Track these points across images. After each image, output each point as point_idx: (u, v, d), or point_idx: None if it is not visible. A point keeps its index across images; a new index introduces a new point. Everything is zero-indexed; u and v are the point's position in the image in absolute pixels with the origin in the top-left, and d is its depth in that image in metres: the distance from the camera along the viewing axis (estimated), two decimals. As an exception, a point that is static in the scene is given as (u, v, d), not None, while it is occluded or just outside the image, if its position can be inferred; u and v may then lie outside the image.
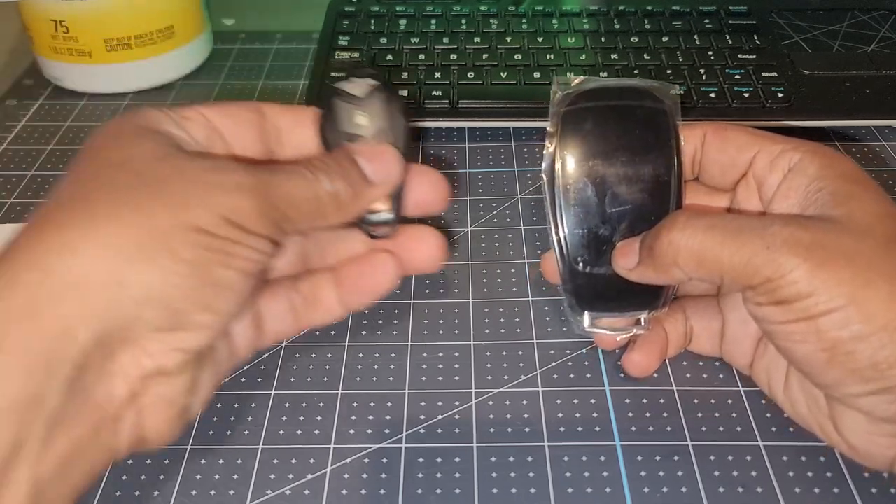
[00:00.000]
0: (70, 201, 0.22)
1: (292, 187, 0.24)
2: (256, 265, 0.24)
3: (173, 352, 0.22)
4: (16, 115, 0.48)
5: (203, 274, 0.22)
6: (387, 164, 0.27)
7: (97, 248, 0.20)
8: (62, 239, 0.20)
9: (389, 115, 0.27)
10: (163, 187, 0.22)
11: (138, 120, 0.25)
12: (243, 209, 0.23)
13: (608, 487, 0.27)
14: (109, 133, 0.25)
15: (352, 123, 0.27)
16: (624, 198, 0.29)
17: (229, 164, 0.24)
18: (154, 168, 0.23)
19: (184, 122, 0.26)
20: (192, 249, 0.22)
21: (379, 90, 0.28)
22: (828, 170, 0.26)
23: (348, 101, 0.27)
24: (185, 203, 0.22)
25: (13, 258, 0.20)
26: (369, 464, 0.28)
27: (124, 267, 0.20)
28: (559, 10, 0.52)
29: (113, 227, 0.21)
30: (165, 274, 0.21)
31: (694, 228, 0.25)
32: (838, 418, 0.26)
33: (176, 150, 0.24)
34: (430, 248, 0.29)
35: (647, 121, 0.29)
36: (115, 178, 0.22)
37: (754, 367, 0.30)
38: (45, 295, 0.19)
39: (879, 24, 0.52)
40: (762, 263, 0.24)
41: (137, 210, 0.21)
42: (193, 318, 0.22)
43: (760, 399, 0.30)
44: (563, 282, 0.30)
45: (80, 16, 0.47)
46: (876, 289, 0.23)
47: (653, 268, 0.27)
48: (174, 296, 0.21)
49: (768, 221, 0.25)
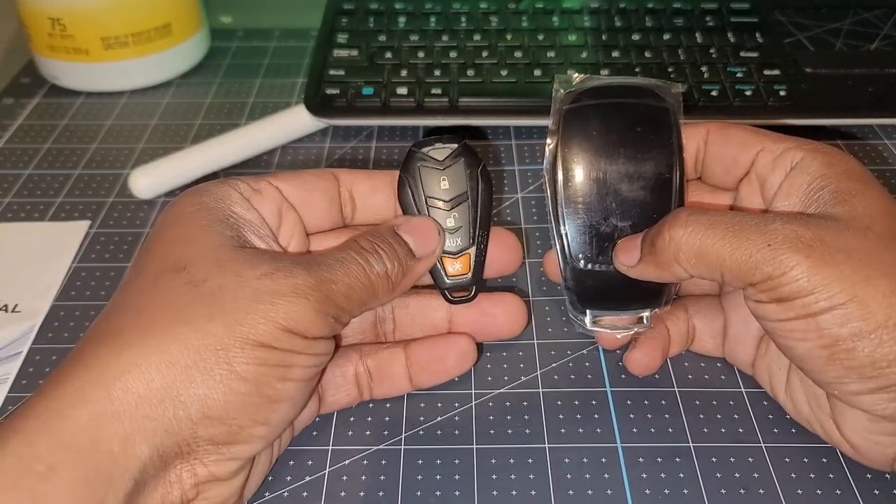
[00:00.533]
0: (130, 314, 0.23)
1: (348, 279, 0.25)
2: (316, 370, 0.25)
3: (228, 461, 0.23)
4: (12, 113, 0.48)
5: (262, 389, 0.23)
6: (429, 236, 0.28)
7: (156, 366, 0.21)
8: (122, 358, 0.21)
9: (470, 180, 0.28)
10: (220, 300, 0.22)
11: (208, 200, 0.26)
12: (302, 316, 0.23)
13: (609, 489, 0.27)
14: (174, 214, 0.26)
15: (432, 188, 0.28)
16: (625, 195, 0.29)
17: (286, 265, 0.24)
18: (212, 276, 0.23)
19: (255, 198, 0.27)
20: (251, 366, 0.22)
21: (461, 155, 0.29)
22: (830, 168, 0.26)
23: (430, 165, 0.28)
24: (244, 316, 0.22)
25: (76, 375, 0.21)
26: (368, 465, 0.28)
27: (183, 385, 0.21)
28: (560, 7, 0.52)
29: (171, 345, 0.22)
30: (224, 392, 0.22)
31: (695, 225, 0.25)
32: (839, 417, 0.26)
33: (234, 251, 0.24)
34: (511, 314, 0.30)
35: (649, 118, 0.29)
36: (172, 290, 0.23)
37: (756, 366, 0.30)
38: (108, 413, 0.21)
39: (882, 22, 0.51)
40: (763, 260, 0.24)
41: (195, 327, 0.22)
42: (250, 432, 0.23)
43: (762, 400, 0.30)
44: (564, 280, 0.30)
45: (78, 14, 0.46)
46: (876, 286, 0.23)
47: (654, 264, 0.27)
48: (232, 413, 0.22)
49: (769, 219, 0.25)
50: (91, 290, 0.35)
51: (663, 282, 0.28)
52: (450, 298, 0.29)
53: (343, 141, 0.45)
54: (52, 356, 0.32)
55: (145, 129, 0.46)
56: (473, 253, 0.29)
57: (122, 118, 0.47)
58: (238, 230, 0.25)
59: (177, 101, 0.49)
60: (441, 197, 0.28)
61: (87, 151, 0.44)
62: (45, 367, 0.31)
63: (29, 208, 0.40)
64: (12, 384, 0.31)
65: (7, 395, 0.30)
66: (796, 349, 0.25)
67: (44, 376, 0.31)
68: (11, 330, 0.33)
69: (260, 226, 0.26)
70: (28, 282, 0.35)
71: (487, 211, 0.29)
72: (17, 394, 0.30)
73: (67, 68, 0.49)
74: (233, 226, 0.25)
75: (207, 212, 0.25)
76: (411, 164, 0.28)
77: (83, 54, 0.48)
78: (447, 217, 0.28)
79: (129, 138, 0.46)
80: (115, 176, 0.42)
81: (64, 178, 0.42)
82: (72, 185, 0.42)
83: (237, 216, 0.26)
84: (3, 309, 0.34)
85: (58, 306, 0.34)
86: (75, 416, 0.20)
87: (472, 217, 0.28)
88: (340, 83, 0.45)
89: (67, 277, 0.36)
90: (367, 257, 0.25)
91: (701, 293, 0.32)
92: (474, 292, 0.29)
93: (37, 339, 0.33)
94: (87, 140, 0.45)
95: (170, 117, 0.47)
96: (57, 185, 0.42)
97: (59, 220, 0.39)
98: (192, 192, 0.27)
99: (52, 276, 0.36)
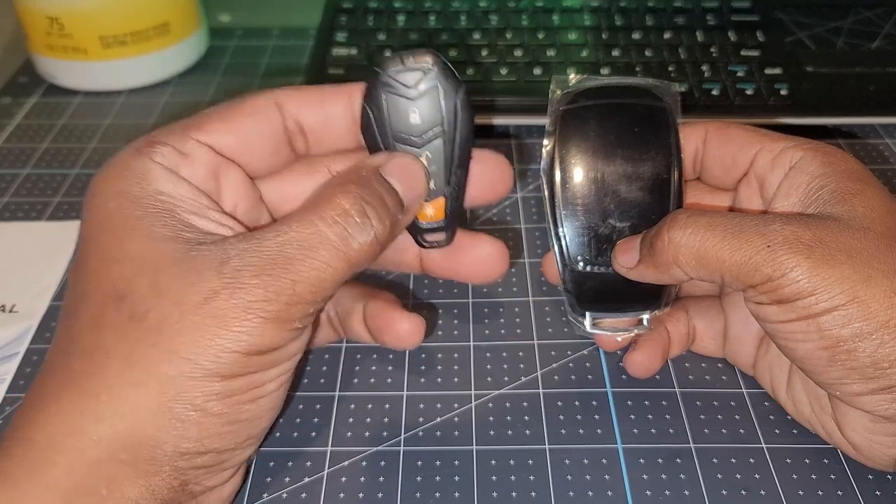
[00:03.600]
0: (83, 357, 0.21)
1: (315, 271, 0.21)
2: (291, 370, 0.24)
3: (221, 473, 0.23)
4: (10, 112, 0.48)
5: (235, 417, 0.22)
6: (416, 176, 0.24)
7: (121, 416, 0.21)
8: (86, 409, 0.21)
9: (447, 111, 0.24)
10: (166, 337, 0.21)
11: (129, 186, 0.23)
12: (260, 334, 0.21)
13: (610, 490, 0.26)
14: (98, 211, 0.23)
15: (401, 121, 0.24)
16: (624, 196, 0.28)
17: (231, 275, 0.21)
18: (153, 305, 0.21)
19: (183, 166, 0.23)
20: (216, 402, 0.21)
21: (437, 78, 0.24)
22: (829, 167, 0.26)
23: (398, 92, 0.24)
24: (195, 352, 0.21)
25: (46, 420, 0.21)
26: (367, 467, 0.27)
27: (153, 429, 0.21)
28: (560, 5, 0.51)
29: (130, 393, 0.21)
30: (196, 431, 0.21)
31: (695, 227, 0.25)
32: (841, 418, 0.26)
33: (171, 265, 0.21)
34: (487, 258, 0.28)
35: (646, 119, 0.29)
36: (118, 326, 0.21)
37: (757, 366, 0.30)
38: (85, 460, 0.20)
39: (883, 21, 0.51)
40: (763, 262, 0.24)
41: (150, 373, 0.21)
42: (236, 452, 0.23)
43: (764, 401, 0.30)
44: (563, 282, 0.29)
45: (76, 13, 0.46)
46: (877, 286, 0.23)
47: (653, 266, 0.26)
48: (211, 444, 0.22)
49: (769, 220, 0.25)
50: (89, 290, 0.35)
51: (662, 283, 0.28)
52: (422, 243, 0.26)
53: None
54: (50, 357, 0.32)
55: (144, 129, 0.46)
56: (448, 196, 0.26)
57: (121, 117, 0.47)
58: (171, 217, 0.22)
59: (175, 101, 0.49)
60: (412, 133, 0.24)
61: (85, 151, 0.44)
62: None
63: (27, 208, 0.40)
64: (10, 384, 0.31)
65: (5, 396, 0.30)
66: (797, 350, 0.24)
67: (41, 377, 0.31)
68: (9, 330, 0.33)
69: (195, 199, 0.23)
70: (25, 282, 0.35)
71: (466, 148, 0.25)
72: (15, 394, 0.30)
73: (65, 67, 0.48)
74: (164, 215, 0.22)
75: (132, 204, 0.22)
76: (375, 92, 0.24)
77: (81, 53, 0.47)
78: (418, 157, 0.25)
79: (128, 137, 0.45)
80: (114, 175, 0.42)
81: (62, 177, 0.42)
82: (70, 185, 0.42)
83: (166, 197, 0.23)
84: (1, 309, 0.34)
85: (55, 306, 0.34)
86: (58, 462, 0.20)
87: (447, 155, 0.25)
88: (340, 82, 0.45)
89: (65, 277, 0.36)
90: (347, 227, 0.22)
91: (701, 294, 0.32)
92: (448, 238, 0.26)
93: (34, 340, 0.33)
94: (86, 139, 0.45)
95: (168, 116, 0.47)
96: (55, 185, 0.42)
97: (56, 220, 0.39)
98: (110, 173, 0.23)
99: (50, 276, 0.36)
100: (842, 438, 0.26)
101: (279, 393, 0.23)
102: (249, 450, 0.24)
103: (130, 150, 0.24)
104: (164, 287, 0.21)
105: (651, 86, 0.29)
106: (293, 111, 0.25)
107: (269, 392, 0.23)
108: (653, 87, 0.29)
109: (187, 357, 0.21)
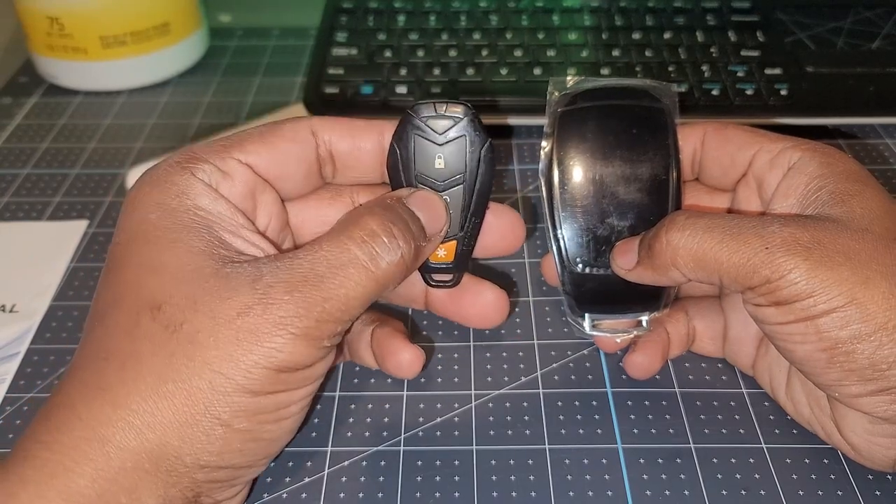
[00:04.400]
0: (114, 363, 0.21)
1: (345, 290, 0.22)
2: (312, 396, 0.24)
3: (232, 488, 0.24)
4: (10, 112, 0.48)
5: (259, 435, 0.22)
6: (438, 212, 0.25)
7: (149, 425, 0.21)
8: (114, 416, 0.21)
9: (470, 161, 0.25)
10: (200, 349, 0.21)
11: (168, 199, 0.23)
12: (290, 351, 0.21)
13: (610, 490, 0.27)
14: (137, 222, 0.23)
15: (425, 165, 0.25)
16: (622, 198, 0.28)
17: (265, 291, 0.21)
18: (189, 317, 0.21)
19: (223, 184, 0.24)
20: (242, 418, 0.22)
21: (465, 129, 0.25)
22: (828, 168, 0.26)
23: (428, 137, 0.25)
24: (227, 366, 0.21)
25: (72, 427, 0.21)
26: (367, 466, 0.27)
27: (177, 442, 0.21)
28: (560, 5, 0.51)
29: (160, 403, 0.21)
30: (219, 446, 0.22)
31: (693, 229, 0.25)
32: (840, 419, 0.26)
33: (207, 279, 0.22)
34: (489, 305, 0.29)
35: (644, 120, 0.29)
36: (153, 336, 0.21)
37: (756, 367, 0.30)
38: (108, 469, 0.20)
39: (883, 21, 0.51)
40: (761, 264, 0.24)
41: (181, 385, 0.21)
42: (252, 469, 0.23)
43: (763, 401, 0.30)
44: (562, 284, 0.29)
45: (76, 13, 0.46)
46: (875, 288, 0.23)
47: (651, 268, 0.26)
48: (231, 461, 0.22)
49: (767, 221, 0.25)
50: (89, 289, 0.35)
51: (661, 285, 0.28)
52: (430, 282, 0.28)
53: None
54: (50, 356, 0.32)
55: (143, 129, 0.46)
56: (460, 241, 0.27)
57: (121, 117, 0.47)
58: (209, 232, 0.23)
59: (175, 101, 0.49)
60: (434, 177, 0.25)
61: (85, 151, 0.44)
62: (43, 367, 0.31)
63: (27, 208, 0.40)
64: (10, 384, 0.31)
65: (5, 396, 0.30)
66: (796, 352, 0.24)
67: (42, 377, 0.31)
68: (9, 330, 0.33)
69: (231, 218, 0.24)
70: (26, 282, 0.35)
71: (484, 198, 0.26)
72: (15, 394, 0.30)
73: (66, 67, 0.48)
74: (202, 231, 0.23)
75: (172, 217, 0.23)
76: (405, 133, 0.25)
77: (81, 53, 0.47)
78: None
79: (128, 137, 0.45)
80: (114, 175, 0.42)
81: (62, 177, 0.42)
82: (70, 185, 0.42)
83: (204, 213, 0.23)
84: (1, 309, 0.34)
85: (56, 306, 0.34)
86: (79, 472, 0.20)
87: (465, 202, 0.26)
88: (340, 82, 0.45)
89: (65, 277, 0.36)
90: (375, 247, 0.23)
91: (701, 295, 0.32)
92: (456, 280, 0.28)
93: (35, 340, 0.33)
94: (86, 139, 0.45)
95: (168, 116, 0.47)
96: (55, 185, 0.42)
97: (57, 220, 0.39)
98: (152, 184, 0.24)
99: (50, 275, 0.36)
100: (841, 439, 0.26)
101: (300, 417, 0.24)
102: (262, 468, 0.24)
103: (172, 164, 0.24)
104: (199, 300, 0.21)
105: (649, 87, 0.29)
106: (326, 138, 0.26)
107: (292, 415, 0.23)
108: (651, 88, 0.29)
109: (220, 371, 0.21)
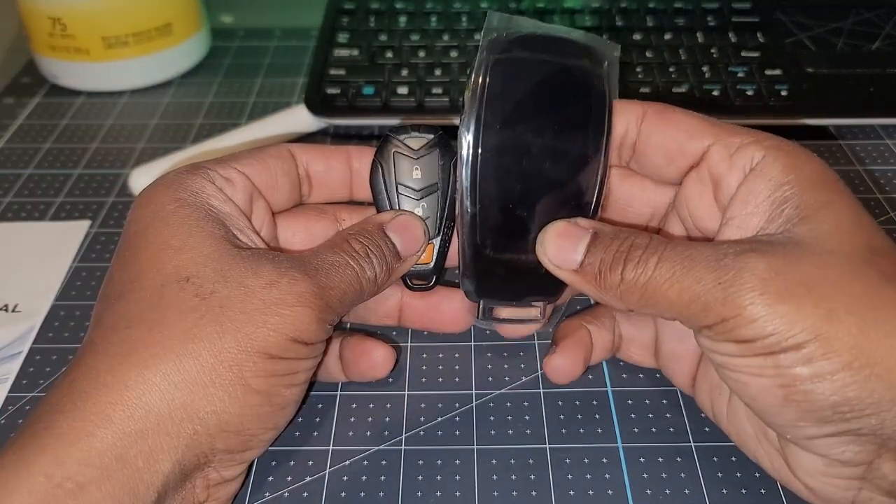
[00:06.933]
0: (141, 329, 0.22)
1: (343, 285, 0.25)
2: (313, 371, 0.26)
3: (238, 465, 0.24)
4: (13, 113, 0.48)
5: (272, 399, 0.23)
6: (415, 236, 0.27)
7: (175, 385, 0.22)
8: (142, 377, 0.21)
9: (443, 172, 0.28)
10: (229, 313, 0.23)
11: (185, 195, 0.25)
12: (307, 325, 0.23)
13: (610, 490, 0.27)
14: (154, 211, 0.25)
15: (404, 176, 0.28)
16: (547, 176, 0.26)
17: (287, 271, 0.24)
18: (219, 287, 0.23)
19: (227, 188, 0.26)
20: (262, 378, 0.23)
21: (436, 146, 0.29)
22: (793, 172, 0.24)
23: (405, 153, 0.28)
24: (253, 329, 0.23)
25: (96, 394, 0.21)
26: (368, 466, 0.28)
27: (201, 402, 0.22)
28: (561, 6, 0.52)
29: (187, 362, 0.22)
30: (239, 406, 0.23)
31: (644, 267, 0.23)
32: (791, 457, 0.24)
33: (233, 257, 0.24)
34: (458, 312, 0.30)
35: (581, 88, 0.26)
36: (181, 303, 0.23)
37: (696, 387, 0.28)
38: (132, 431, 0.21)
39: (884, 22, 0.51)
40: (714, 301, 0.22)
41: (209, 344, 0.22)
42: (261, 438, 0.24)
43: (764, 400, 0.30)
44: (463, 266, 0.27)
45: (78, 13, 0.46)
46: (839, 323, 0.21)
47: (595, 287, 0.24)
48: (247, 425, 0.23)
49: (720, 252, 0.22)
50: (91, 289, 0.35)
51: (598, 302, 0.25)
52: (409, 285, 0.29)
53: (344, 140, 0.45)
54: (53, 356, 0.32)
55: (146, 129, 0.46)
56: (437, 244, 0.29)
57: (123, 118, 0.47)
58: (223, 226, 0.25)
59: (177, 101, 0.49)
60: (412, 185, 0.28)
61: (87, 151, 0.44)
62: (46, 366, 0.31)
63: (29, 208, 0.40)
64: (13, 384, 0.31)
65: (7, 395, 0.30)
66: (749, 386, 0.22)
67: (44, 376, 0.31)
68: (12, 329, 0.33)
69: (238, 218, 0.26)
70: (28, 282, 0.35)
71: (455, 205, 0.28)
72: (18, 393, 0.30)
73: (68, 68, 0.49)
74: (218, 222, 0.25)
75: (189, 209, 0.25)
76: (386, 150, 0.29)
77: (84, 54, 0.48)
78: (416, 206, 0.29)
79: (130, 138, 0.46)
80: (116, 176, 0.42)
81: (64, 177, 0.42)
82: (72, 185, 0.42)
83: (216, 211, 0.25)
84: (4, 309, 0.34)
85: (58, 306, 0.34)
86: (101, 436, 0.21)
87: (440, 208, 0.29)
88: (341, 83, 0.45)
89: (68, 277, 0.36)
90: (360, 262, 0.25)
91: None
92: (434, 281, 0.29)
93: (37, 339, 0.33)
94: (88, 140, 0.45)
95: (170, 117, 0.47)
96: (57, 185, 0.42)
97: (59, 220, 0.39)
98: (166, 185, 0.26)
99: (53, 275, 0.36)
100: (791, 477, 0.24)
101: (303, 388, 0.25)
102: (265, 446, 0.25)
103: (181, 171, 0.26)
104: (228, 273, 0.23)
105: (592, 44, 0.27)
106: (304, 160, 0.29)
107: (300, 382, 0.25)
108: (594, 48, 0.27)
109: (246, 333, 0.22)
